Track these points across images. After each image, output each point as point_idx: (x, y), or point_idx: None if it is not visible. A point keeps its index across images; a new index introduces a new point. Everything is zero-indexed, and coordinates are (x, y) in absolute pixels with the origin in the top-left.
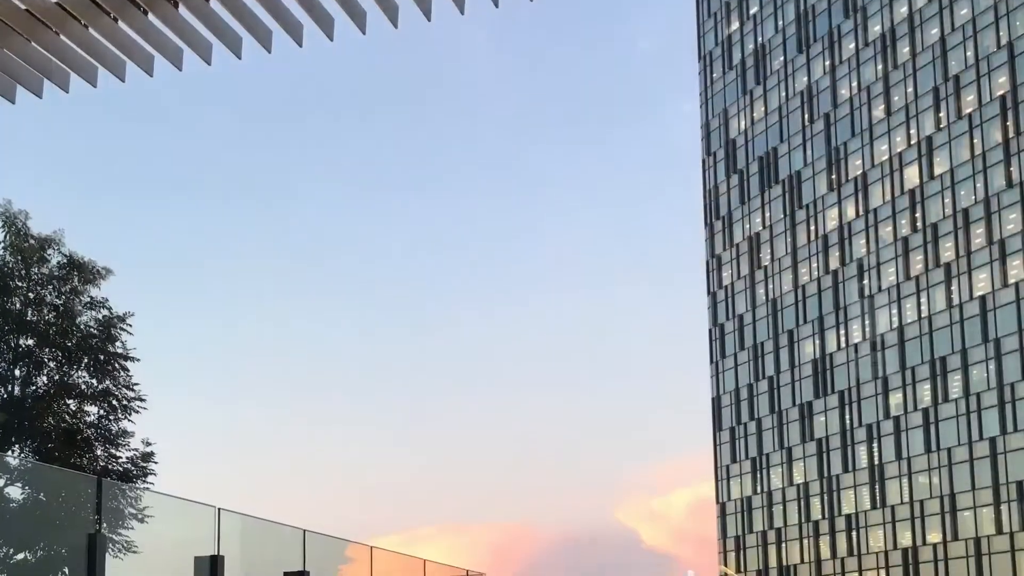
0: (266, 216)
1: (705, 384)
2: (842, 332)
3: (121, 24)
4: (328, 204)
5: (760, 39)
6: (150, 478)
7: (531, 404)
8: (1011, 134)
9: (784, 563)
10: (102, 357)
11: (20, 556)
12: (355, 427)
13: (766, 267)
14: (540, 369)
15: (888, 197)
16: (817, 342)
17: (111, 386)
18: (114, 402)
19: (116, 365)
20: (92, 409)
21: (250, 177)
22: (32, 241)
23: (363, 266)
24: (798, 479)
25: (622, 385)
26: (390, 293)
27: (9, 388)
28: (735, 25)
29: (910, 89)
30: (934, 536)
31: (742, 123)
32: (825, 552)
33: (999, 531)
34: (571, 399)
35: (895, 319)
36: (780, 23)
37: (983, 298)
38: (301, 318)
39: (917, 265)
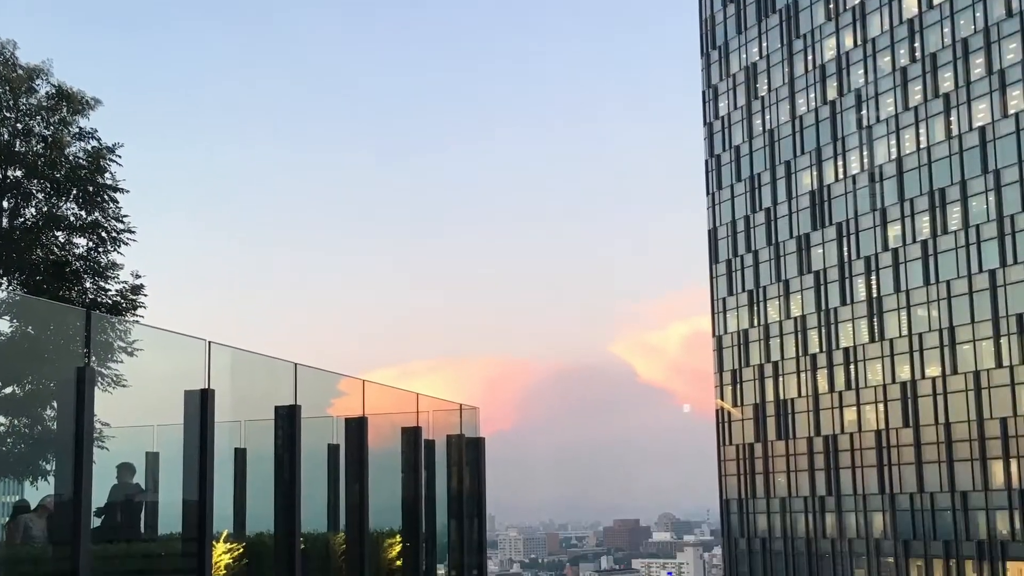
0: (256, 45)
1: (701, 216)
2: (840, 163)
3: None
4: (318, 32)
5: None
6: (140, 311)
7: (526, 238)
8: None
9: (781, 397)
10: (91, 188)
11: (8, 390)
12: (349, 262)
13: (763, 97)
14: (535, 203)
15: (887, 27)
16: (815, 173)
17: (100, 218)
18: (103, 234)
19: (105, 197)
20: (81, 241)
21: (239, 5)
22: (20, 71)
23: (355, 98)
24: (795, 312)
25: (618, 218)
26: (383, 126)
27: None
28: None
29: None
30: (933, 370)
31: None
32: (823, 386)
33: (999, 364)
34: (566, 232)
35: (893, 150)
36: None
37: (982, 129)
38: (295, 150)
39: (916, 95)
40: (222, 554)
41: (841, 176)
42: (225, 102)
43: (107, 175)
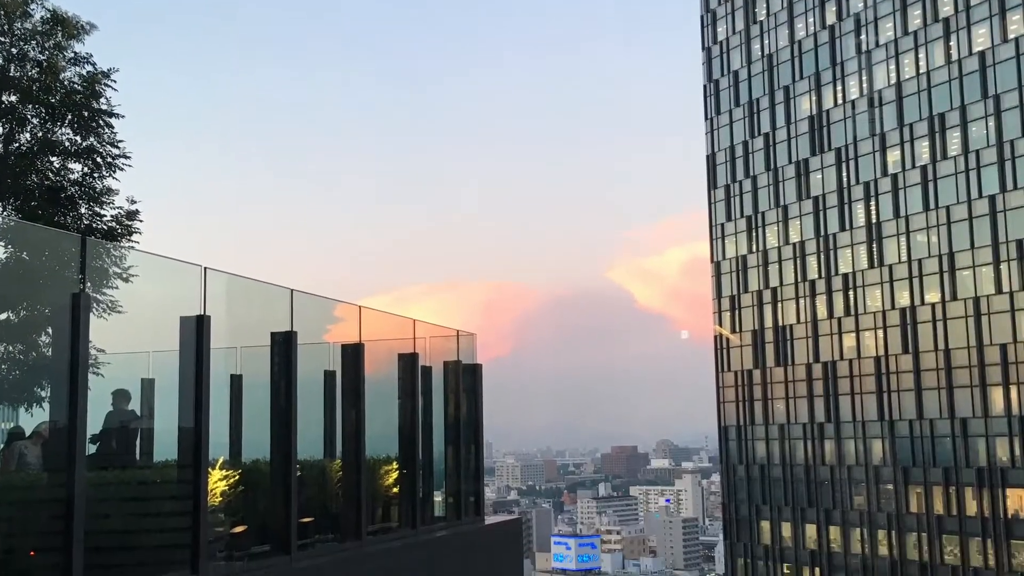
0: None
1: (700, 142)
2: (839, 88)
3: None
4: None
5: None
6: (135, 237)
7: (524, 163)
8: None
9: (780, 323)
10: (86, 114)
11: (3, 316)
12: (346, 187)
13: (762, 22)
14: (534, 128)
15: None
16: (814, 98)
17: (95, 143)
18: (98, 159)
19: (100, 122)
20: (76, 167)
21: None
22: None
23: (354, 21)
24: (794, 238)
25: (616, 142)
26: (382, 50)
27: None
28: None
29: None
30: (933, 296)
31: None
32: (822, 312)
33: (999, 290)
34: (564, 157)
35: (893, 75)
36: None
37: (982, 53)
38: (292, 75)
39: (915, 20)
40: (218, 481)
41: (840, 101)
42: (222, 26)
43: (102, 100)
